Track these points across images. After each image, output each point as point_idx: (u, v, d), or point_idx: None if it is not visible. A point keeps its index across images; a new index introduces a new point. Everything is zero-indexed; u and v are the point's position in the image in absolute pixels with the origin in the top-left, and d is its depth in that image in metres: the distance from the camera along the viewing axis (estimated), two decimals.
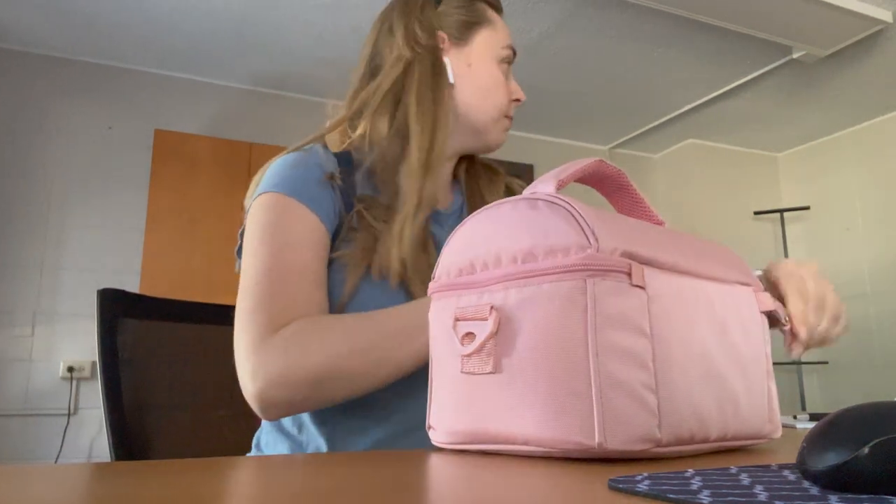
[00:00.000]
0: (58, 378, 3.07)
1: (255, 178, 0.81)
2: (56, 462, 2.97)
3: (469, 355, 0.47)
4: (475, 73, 0.85)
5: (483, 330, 0.46)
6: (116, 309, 0.90)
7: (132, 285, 3.12)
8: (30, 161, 3.18)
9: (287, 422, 0.79)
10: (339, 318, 0.70)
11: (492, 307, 0.46)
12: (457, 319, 0.49)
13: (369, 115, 0.84)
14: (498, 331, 0.46)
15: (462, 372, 0.48)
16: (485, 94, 0.85)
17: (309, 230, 0.75)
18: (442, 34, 0.86)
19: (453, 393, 0.49)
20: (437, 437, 0.52)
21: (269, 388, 0.66)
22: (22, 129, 3.20)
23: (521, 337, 0.45)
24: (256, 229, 0.75)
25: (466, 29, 0.86)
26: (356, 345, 0.67)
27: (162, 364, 0.94)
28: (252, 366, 0.67)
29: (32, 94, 3.24)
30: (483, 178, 0.94)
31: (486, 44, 0.86)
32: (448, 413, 0.50)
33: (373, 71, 0.87)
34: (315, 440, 0.77)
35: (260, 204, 0.77)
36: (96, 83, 3.37)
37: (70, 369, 3.06)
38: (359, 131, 0.85)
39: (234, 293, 0.78)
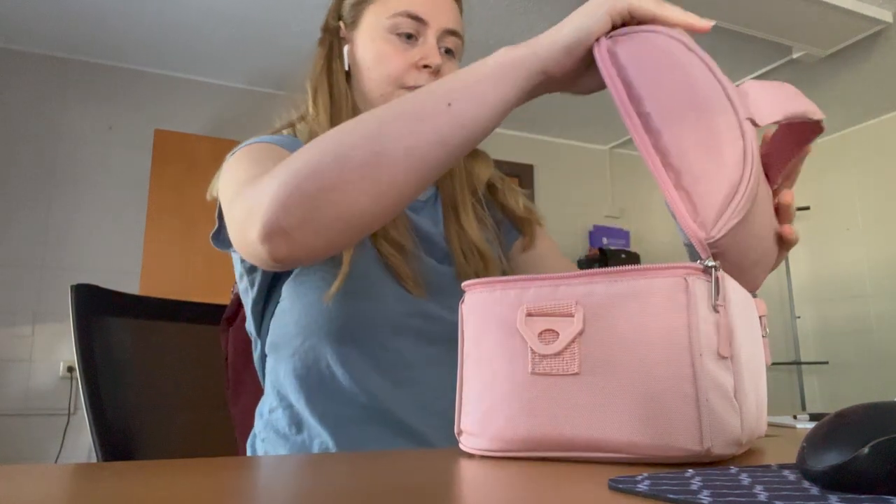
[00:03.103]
0: (58, 378, 3.06)
1: (219, 171, 0.75)
2: (56, 462, 2.97)
3: (551, 355, 0.43)
4: (362, 53, 0.84)
5: (568, 327, 0.43)
6: (92, 306, 0.89)
7: (132, 285, 3.12)
8: (30, 161, 3.18)
9: (282, 423, 0.78)
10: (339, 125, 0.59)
11: (577, 302, 0.43)
12: (529, 314, 0.45)
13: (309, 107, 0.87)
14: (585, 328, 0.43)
15: (534, 373, 0.44)
16: (370, 72, 0.83)
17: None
18: (341, 24, 0.88)
19: (512, 395, 0.45)
20: (476, 443, 0.47)
21: (253, 221, 0.55)
22: (22, 129, 3.19)
23: (612, 335, 0.42)
24: (230, 165, 0.70)
25: (355, 10, 0.86)
26: (356, 133, 0.55)
27: (145, 363, 0.94)
28: (237, 211, 0.59)
29: (32, 94, 3.24)
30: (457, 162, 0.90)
31: (372, 19, 0.84)
32: (500, 417, 0.45)
33: None
34: (319, 435, 0.75)
35: (235, 154, 0.72)
36: (96, 83, 3.36)
37: (70, 369, 3.05)
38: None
39: None
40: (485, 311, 0.48)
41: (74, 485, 0.36)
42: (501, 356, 0.46)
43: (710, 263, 0.42)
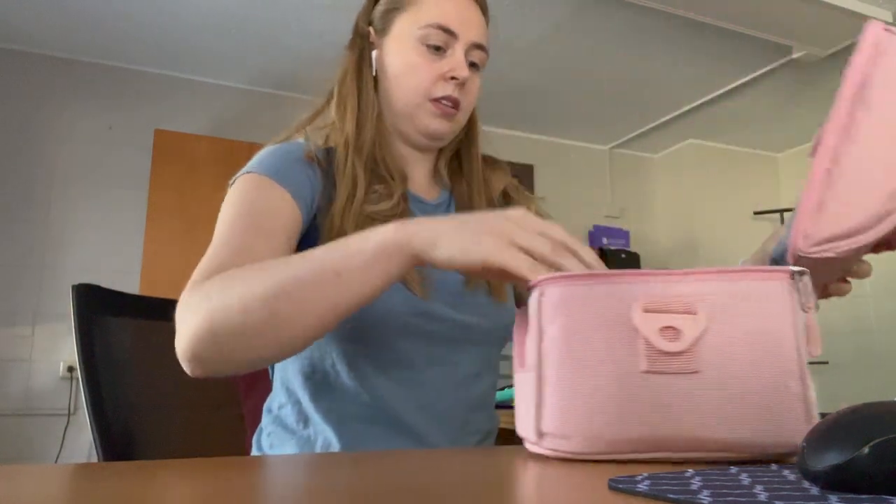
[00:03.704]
0: (58, 378, 3.06)
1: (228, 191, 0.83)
2: (56, 462, 2.97)
3: (673, 353, 0.43)
4: (391, 60, 0.85)
5: (692, 325, 0.43)
6: (92, 306, 0.89)
7: (132, 285, 3.12)
8: (30, 161, 3.18)
9: (290, 419, 0.79)
10: (256, 265, 0.65)
11: (698, 301, 0.44)
12: (646, 311, 0.44)
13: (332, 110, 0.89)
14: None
15: (649, 371, 0.43)
16: (398, 80, 0.84)
17: (277, 200, 0.76)
18: (370, 29, 0.88)
19: (621, 395, 0.43)
20: (565, 445, 0.44)
21: (178, 342, 0.63)
22: (22, 129, 3.19)
23: (729, 333, 0.43)
24: (226, 203, 0.77)
25: (385, 18, 0.87)
26: (259, 291, 0.61)
27: (145, 363, 0.93)
28: (177, 314, 0.66)
29: (32, 94, 3.24)
30: (473, 169, 0.92)
31: (403, 28, 0.85)
32: (602, 418, 0.43)
33: None
34: (323, 432, 0.76)
35: (234, 186, 0.79)
36: (96, 83, 3.36)
37: (70, 369, 3.05)
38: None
39: None
40: (581, 305, 0.45)
41: (74, 485, 0.36)
42: (603, 353, 0.44)
43: (797, 269, 0.45)
